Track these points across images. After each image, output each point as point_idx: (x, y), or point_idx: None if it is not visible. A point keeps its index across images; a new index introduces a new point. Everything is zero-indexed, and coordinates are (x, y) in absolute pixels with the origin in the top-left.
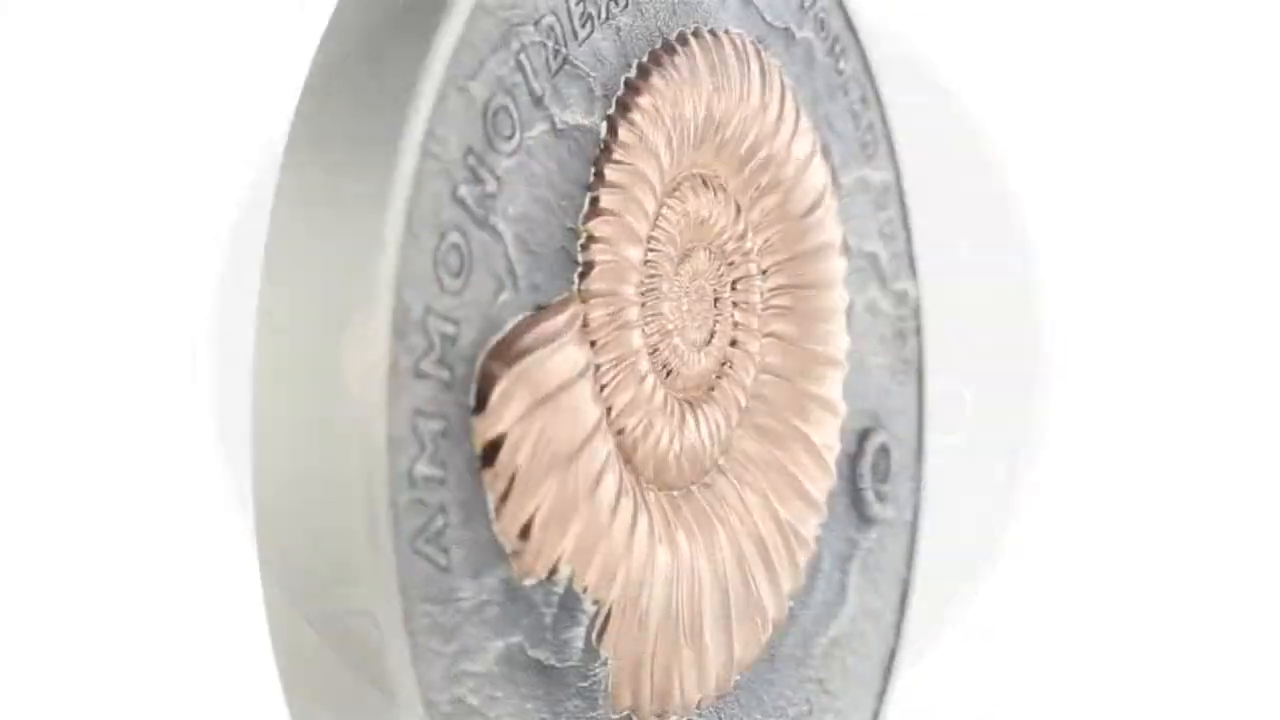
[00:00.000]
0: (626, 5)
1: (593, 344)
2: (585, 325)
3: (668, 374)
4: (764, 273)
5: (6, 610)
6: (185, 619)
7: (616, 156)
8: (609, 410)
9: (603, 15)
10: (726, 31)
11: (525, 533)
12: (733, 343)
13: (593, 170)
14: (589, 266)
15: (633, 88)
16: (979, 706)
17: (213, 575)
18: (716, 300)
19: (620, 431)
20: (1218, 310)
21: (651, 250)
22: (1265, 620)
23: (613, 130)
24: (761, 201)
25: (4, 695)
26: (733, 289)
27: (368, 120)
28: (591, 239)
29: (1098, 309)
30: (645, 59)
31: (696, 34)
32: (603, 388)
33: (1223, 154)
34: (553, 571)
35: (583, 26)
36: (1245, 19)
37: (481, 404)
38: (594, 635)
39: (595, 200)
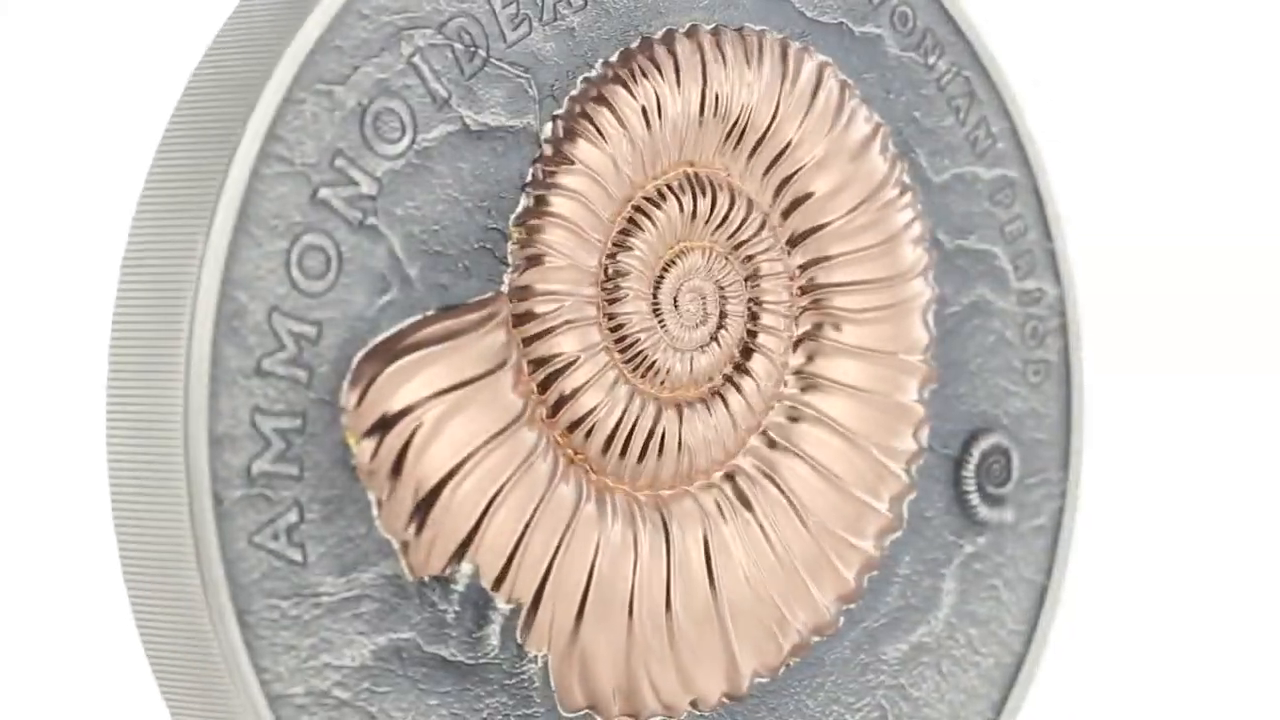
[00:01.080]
0: (585, 5)
1: (527, 340)
2: (520, 322)
3: (645, 373)
4: (802, 269)
5: None
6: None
7: (562, 156)
8: (558, 404)
9: (544, 16)
10: (740, 29)
11: (419, 528)
12: (747, 344)
13: (531, 170)
14: (528, 263)
15: (590, 87)
16: None
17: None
18: (724, 300)
19: (573, 426)
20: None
21: (619, 248)
22: None
23: (567, 130)
24: (787, 196)
25: None
26: (748, 287)
27: (214, 124)
28: (527, 238)
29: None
30: (614, 58)
31: (691, 32)
32: (542, 384)
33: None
34: (450, 567)
35: (515, 28)
36: None
37: (359, 400)
38: (517, 633)
39: (539, 199)
